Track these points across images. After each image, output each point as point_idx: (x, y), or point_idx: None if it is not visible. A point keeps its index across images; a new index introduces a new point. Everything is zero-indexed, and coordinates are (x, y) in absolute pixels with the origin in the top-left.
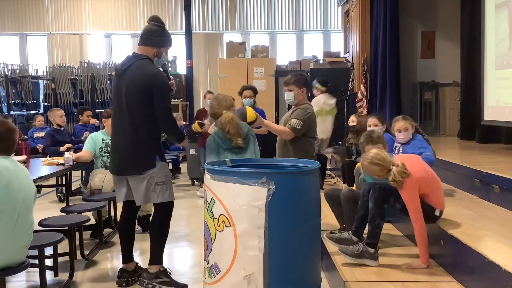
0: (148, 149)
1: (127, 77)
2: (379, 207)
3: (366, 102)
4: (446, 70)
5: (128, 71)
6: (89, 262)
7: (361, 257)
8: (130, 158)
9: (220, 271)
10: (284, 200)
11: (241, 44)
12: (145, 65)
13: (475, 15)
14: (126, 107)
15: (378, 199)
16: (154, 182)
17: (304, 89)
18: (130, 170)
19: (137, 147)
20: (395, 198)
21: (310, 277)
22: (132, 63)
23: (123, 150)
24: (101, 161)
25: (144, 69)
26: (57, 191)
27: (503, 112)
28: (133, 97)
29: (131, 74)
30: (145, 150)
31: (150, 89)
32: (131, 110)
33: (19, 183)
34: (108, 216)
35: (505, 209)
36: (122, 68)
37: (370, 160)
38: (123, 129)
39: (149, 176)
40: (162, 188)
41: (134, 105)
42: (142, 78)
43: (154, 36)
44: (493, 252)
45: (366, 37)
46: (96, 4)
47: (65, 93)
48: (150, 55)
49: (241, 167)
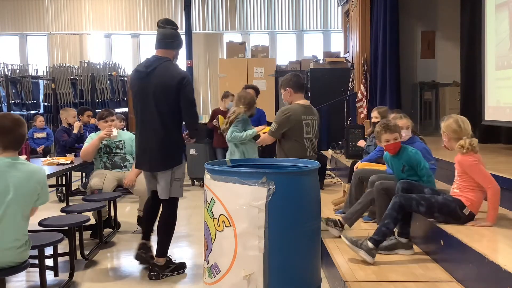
0: (177, 147)
1: (155, 79)
2: (396, 211)
3: (366, 102)
4: (446, 70)
5: (155, 73)
6: (89, 262)
7: (395, 248)
8: (161, 156)
9: (220, 271)
10: (284, 200)
11: (241, 44)
12: (170, 66)
13: (475, 15)
14: (155, 108)
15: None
16: (174, 178)
17: (289, 90)
18: (160, 167)
19: (168, 146)
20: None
21: (310, 277)
22: (157, 65)
23: (155, 148)
24: (100, 161)
25: (171, 70)
26: (57, 191)
27: (504, 112)
28: (163, 98)
29: (159, 76)
30: (174, 148)
31: (179, 89)
32: (161, 110)
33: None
34: (108, 216)
35: (505, 209)
36: (147, 71)
37: (456, 119)
38: (154, 129)
39: (172, 172)
40: (177, 184)
41: (164, 106)
42: (171, 79)
43: (174, 39)
44: (493, 252)
45: (366, 37)
46: (96, 4)
47: (65, 93)
48: (170, 57)
49: (241, 167)
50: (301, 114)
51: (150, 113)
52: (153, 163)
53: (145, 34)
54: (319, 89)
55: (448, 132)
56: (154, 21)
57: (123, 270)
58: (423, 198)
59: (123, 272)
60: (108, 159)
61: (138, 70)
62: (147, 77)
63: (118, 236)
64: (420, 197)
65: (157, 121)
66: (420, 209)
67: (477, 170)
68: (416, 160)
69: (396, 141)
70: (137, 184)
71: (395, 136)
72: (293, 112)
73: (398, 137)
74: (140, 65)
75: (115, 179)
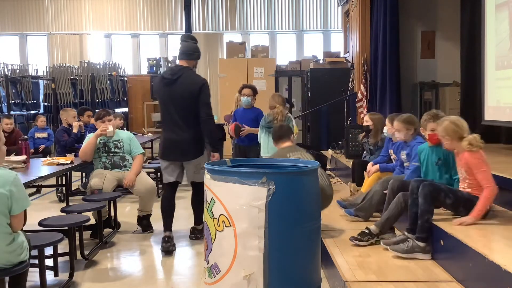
0: (200, 141)
1: (181, 85)
2: (428, 203)
3: (366, 102)
4: (446, 70)
5: (180, 80)
6: (89, 262)
7: (413, 252)
8: (190, 148)
9: (220, 271)
10: (284, 200)
11: (241, 44)
12: (193, 74)
13: (475, 15)
14: (182, 109)
15: (428, 194)
16: (200, 167)
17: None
18: (189, 157)
19: (193, 140)
20: (445, 193)
21: (310, 277)
22: (182, 74)
23: (185, 142)
24: (100, 161)
25: (194, 78)
26: (57, 191)
27: (504, 112)
28: (189, 100)
29: (185, 82)
30: (198, 142)
31: (197, 92)
32: (187, 112)
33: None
34: (108, 216)
35: (505, 209)
36: (173, 78)
37: (452, 120)
38: (181, 126)
39: (197, 162)
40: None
41: (189, 107)
42: (195, 85)
43: (195, 52)
44: (493, 252)
45: (366, 37)
46: (96, 4)
47: (65, 93)
48: (191, 66)
49: (241, 167)
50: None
51: (178, 113)
52: (184, 154)
53: (145, 34)
54: (319, 89)
55: (448, 135)
56: (154, 21)
57: (123, 270)
58: (451, 191)
59: (123, 272)
60: (107, 159)
61: (165, 77)
62: (174, 83)
63: (118, 236)
64: (448, 189)
65: (184, 119)
66: (446, 201)
67: (484, 167)
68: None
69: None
70: (137, 184)
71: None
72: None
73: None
74: (166, 73)
75: (115, 179)
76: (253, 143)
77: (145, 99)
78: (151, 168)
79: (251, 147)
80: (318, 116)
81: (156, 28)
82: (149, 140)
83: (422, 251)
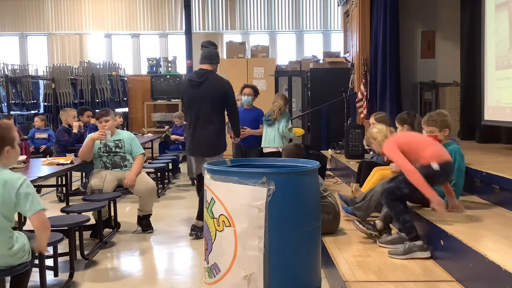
0: (223, 138)
1: (208, 87)
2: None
3: (366, 102)
4: (446, 70)
5: (206, 83)
6: (89, 262)
7: (411, 252)
8: (214, 144)
9: (220, 271)
10: (284, 200)
11: (241, 44)
12: (218, 77)
13: (475, 15)
14: (209, 108)
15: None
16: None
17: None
18: (213, 152)
19: (217, 136)
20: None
21: (310, 277)
22: (207, 77)
23: (210, 139)
24: (100, 161)
25: (219, 80)
26: (57, 191)
27: (504, 112)
28: (215, 100)
29: (211, 85)
30: (222, 139)
31: (226, 94)
32: (214, 110)
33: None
34: (108, 216)
35: (505, 209)
36: (200, 80)
37: (370, 133)
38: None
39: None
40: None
41: (215, 106)
42: (221, 86)
43: (216, 57)
44: (493, 252)
45: (366, 37)
46: (96, 4)
47: (65, 93)
48: (214, 69)
49: (241, 167)
50: None
51: (205, 112)
52: (211, 150)
53: (145, 34)
54: (319, 89)
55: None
56: (154, 21)
57: (123, 270)
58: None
59: (123, 272)
60: (108, 159)
61: (193, 80)
62: (199, 86)
63: (118, 236)
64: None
65: (210, 117)
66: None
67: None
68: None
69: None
70: (137, 184)
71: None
72: None
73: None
74: (192, 76)
75: (115, 179)
76: (253, 144)
77: (145, 99)
78: (151, 168)
79: (252, 148)
80: (318, 116)
81: (156, 28)
82: (149, 140)
83: (420, 249)
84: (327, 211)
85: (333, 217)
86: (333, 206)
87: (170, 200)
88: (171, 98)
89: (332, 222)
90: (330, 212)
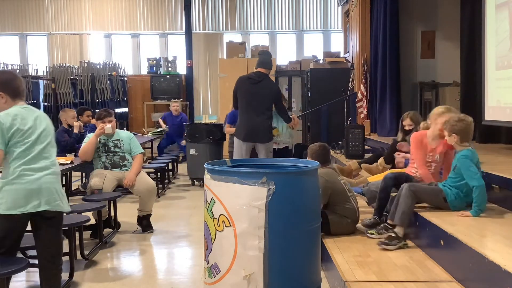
0: (270, 128)
1: (264, 86)
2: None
3: (366, 102)
4: (446, 70)
5: (263, 83)
6: (89, 262)
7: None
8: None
9: (220, 271)
10: (284, 200)
11: (241, 44)
12: (270, 80)
13: (475, 15)
14: (261, 103)
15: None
16: (270, 150)
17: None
18: (265, 139)
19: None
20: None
21: (310, 277)
22: (263, 78)
23: (262, 128)
24: (99, 161)
25: (272, 83)
26: None
27: (504, 112)
28: (268, 97)
29: (267, 85)
30: (271, 128)
31: (276, 93)
32: (268, 105)
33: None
34: (108, 216)
35: (505, 209)
36: (259, 79)
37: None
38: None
39: (268, 145)
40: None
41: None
42: (273, 87)
43: (270, 64)
44: (493, 252)
45: (366, 37)
46: (96, 4)
47: (65, 93)
48: (267, 73)
49: (241, 167)
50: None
51: (259, 106)
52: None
53: (145, 34)
54: (319, 89)
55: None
56: (154, 21)
57: (123, 270)
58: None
59: (123, 272)
60: (107, 159)
61: (251, 78)
62: (257, 84)
63: (118, 236)
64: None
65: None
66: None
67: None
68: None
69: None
70: (137, 184)
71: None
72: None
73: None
74: (252, 75)
75: (115, 179)
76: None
77: (145, 99)
78: (151, 168)
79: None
80: (318, 116)
81: (156, 28)
82: (149, 140)
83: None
84: (346, 214)
85: (352, 221)
86: (354, 210)
87: (170, 200)
88: (171, 98)
89: (350, 225)
90: (350, 216)
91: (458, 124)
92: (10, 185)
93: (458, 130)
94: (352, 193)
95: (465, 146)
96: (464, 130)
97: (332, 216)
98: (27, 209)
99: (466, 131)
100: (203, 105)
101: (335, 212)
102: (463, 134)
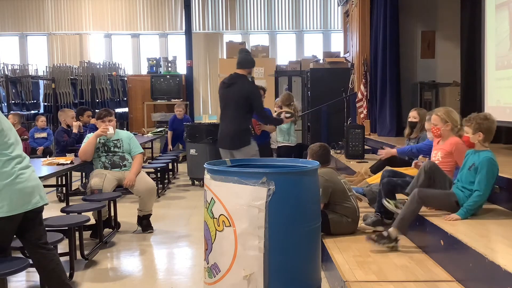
0: (247, 132)
1: (234, 90)
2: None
3: (366, 102)
4: (446, 70)
5: (234, 86)
6: (89, 262)
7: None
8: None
9: (220, 271)
10: (284, 200)
11: (241, 44)
12: (245, 80)
13: (475, 15)
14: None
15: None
16: (250, 155)
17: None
18: (236, 145)
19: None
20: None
21: (310, 277)
22: (236, 81)
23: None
24: (99, 161)
25: (245, 84)
26: (57, 191)
27: (504, 112)
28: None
29: (238, 88)
30: (246, 133)
31: (247, 95)
32: (239, 108)
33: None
34: (108, 216)
35: (505, 209)
36: (229, 82)
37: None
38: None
39: (246, 151)
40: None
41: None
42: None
43: (249, 62)
44: (493, 252)
45: (366, 37)
46: (96, 4)
47: (65, 93)
48: (245, 74)
49: (241, 167)
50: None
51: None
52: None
53: (145, 34)
54: (319, 89)
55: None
56: (154, 21)
57: (123, 270)
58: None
59: (123, 272)
60: (107, 159)
61: (224, 82)
62: (229, 87)
63: (118, 236)
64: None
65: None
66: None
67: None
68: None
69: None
70: (137, 184)
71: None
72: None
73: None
74: (225, 79)
75: (115, 179)
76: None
77: (145, 99)
78: (151, 168)
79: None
80: (318, 116)
81: (156, 28)
82: (149, 140)
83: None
84: (347, 214)
85: (352, 220)
86: (354, 209)
87: (170, 200)
88: (171, 98)
89: (350, 225)
90: (350, 215)
91: (485, 122)
92: (10, 185)
93: (485, 129)
94: (352, 193)
95: (485, 147)
96: (489, 129)
97: (332, 216)
98: (29, 207)
99: (490, 130)
100: (203, 105)
101: (335, 211)
102: (488, 133)
